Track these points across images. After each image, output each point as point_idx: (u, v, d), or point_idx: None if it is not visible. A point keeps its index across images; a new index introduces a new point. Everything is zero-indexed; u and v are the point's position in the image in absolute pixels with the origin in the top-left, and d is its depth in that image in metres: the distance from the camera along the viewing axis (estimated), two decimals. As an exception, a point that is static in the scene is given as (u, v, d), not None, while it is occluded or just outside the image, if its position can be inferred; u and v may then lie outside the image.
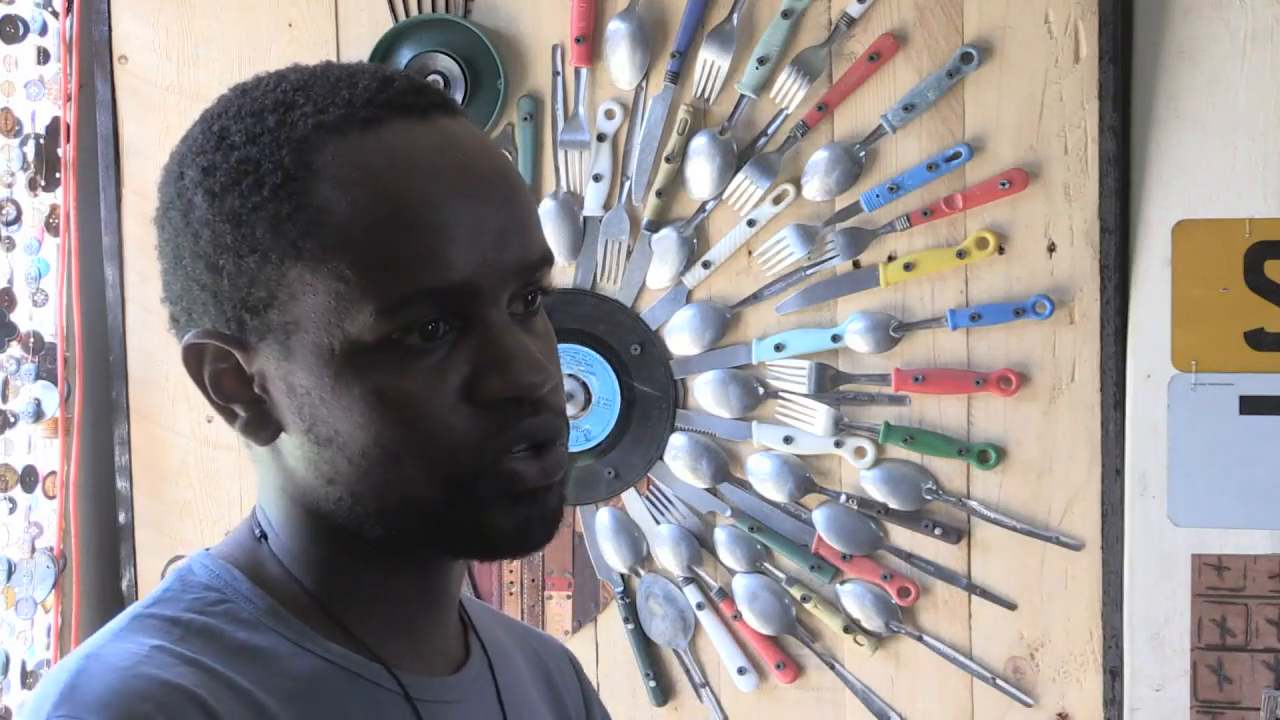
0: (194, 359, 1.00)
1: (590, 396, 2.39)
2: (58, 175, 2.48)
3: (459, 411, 0.96)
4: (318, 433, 0.97)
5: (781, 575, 2.35)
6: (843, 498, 2.33)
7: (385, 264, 0.94)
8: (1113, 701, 2.26)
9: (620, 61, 2.35)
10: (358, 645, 1.01)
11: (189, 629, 0.97)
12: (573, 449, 2.34)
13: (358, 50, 2.39)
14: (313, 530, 1.01)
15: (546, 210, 2.37)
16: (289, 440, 0.99)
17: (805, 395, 2.33)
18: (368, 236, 0.94)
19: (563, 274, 2.39)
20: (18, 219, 2.46)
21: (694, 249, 2.36)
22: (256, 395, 0.99)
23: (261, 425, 1.00)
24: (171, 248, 1.00)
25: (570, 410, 2.35)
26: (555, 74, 2.38)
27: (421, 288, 0.94)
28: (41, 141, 2.47)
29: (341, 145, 0.95)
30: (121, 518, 2.50)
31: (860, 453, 2.32)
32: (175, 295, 1.01)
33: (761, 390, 2.35)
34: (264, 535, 1.03)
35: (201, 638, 0.97)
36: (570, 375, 2.37)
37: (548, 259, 1.00)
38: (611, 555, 2.40)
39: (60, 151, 2.48)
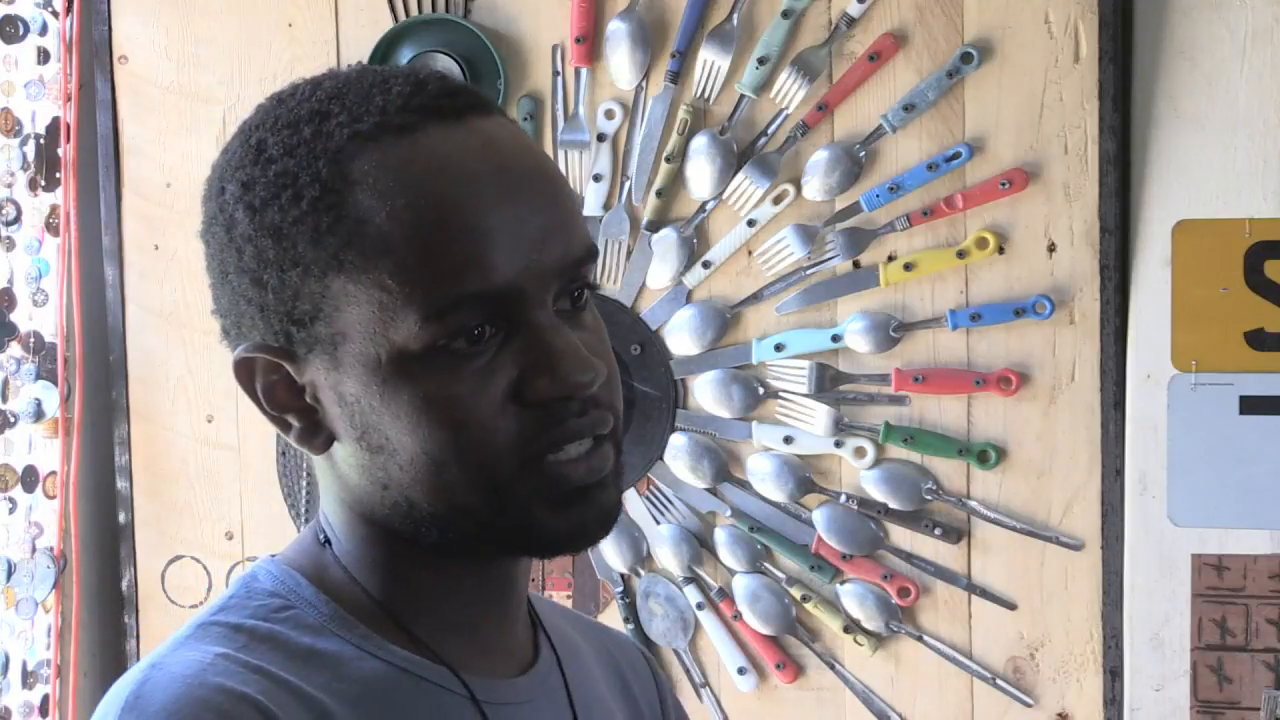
0: (245, 372, 1.00)
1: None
2: (58, 175, 2.48)
3: (506, 414, 0.96)
4: (369, 440, 0.97)
5: (781, 575, 2.35)
6: (843, 498, 2.33)
7: (427, 271, 0.94)
8: (1113, 701, 2.26)
9: (620, 61, 2.35)
10: (423, 649, 1.01)
11: (253, 635, 0.98)
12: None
13: (358, 50, 2.39)
14: (371, 536, 1.02)
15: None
16: (342, 448, 1.00)
17: (805, 395, 2.33)
18: (408, 244, 0.94)
19: (563, 274, 2.38)
20: (18, 219, 2.46)
21: (694, 249, 2.36)
22: (309, 405, 0.99)
23: (315, 434, 1.00)
24: (217, 263, 1.00)
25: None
26: (555, 74, 2.38)
27: (465, 293, 0.94)
28: (41, 141, 2.47)
29: (377, 154, 0.95)
30: (121, 518, 2.50)
31: (860, 453, 2.32)
32: (224, 309, 1.01)
33: (761, 390, 2.35)
34: (328, 541, 1.03)
35: (266, 644, 0.97)
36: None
37: (592, 254, 1.00)
38: (611, 555, 2.40)
39: (60, 151, 2.48)
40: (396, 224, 0.94)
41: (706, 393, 2.36)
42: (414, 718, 0.99)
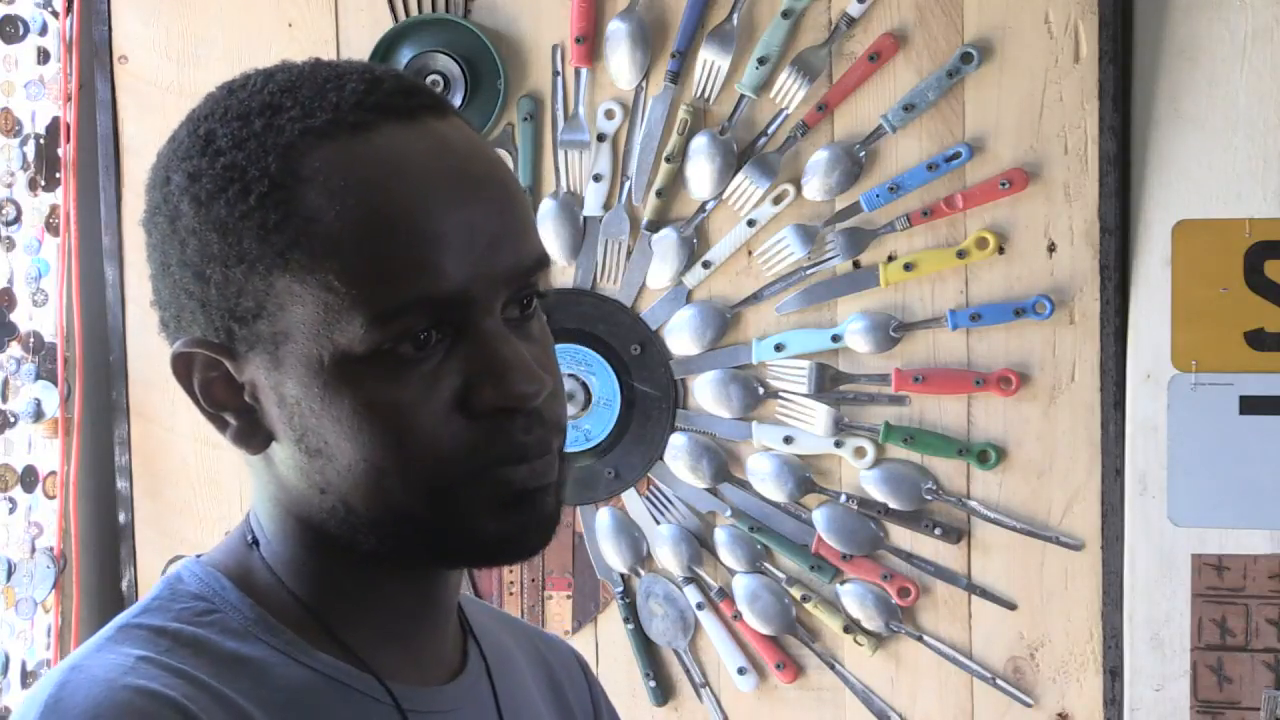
0: (183, 367, 0.98)
1: (590, 396, 2.39)
2: (58, 175, 2.48)
3: (450, 422, 0.94)
4: (308, 443, 0.95)
5: (781, 575, 2.35)
6: (843, 498, 2.33)
7: (374, 274, 0.92)
8: (1113, 701, 2.26)
9: (620, 61, 2.35)
10: (349, 655, 0.99)
11: (177, 639, 0.96)
12: (573, 449, 2.35)
13: (358, 50, 2.39)
14: (305, 539, 1.00)
15: (546, 210, 2.37)
16: (280, 449, 0.98)
17: (805, 395, 2.33)
18: (356, 246, 0.92)
19: (563, 274, 2.39)
20: (18, 219, 2.46)
21: (694, 249, 2.36)
22: (247, 404, 0.97)
23: (252, 434, 0.98)
24: (159, 254, 0.98)
25: (570, 410, 2.35)
26: (555, 74, 2.38)
27: (412, 298, 0.92)
28: (41, 141, 2.47)
29: (329, 151, 0.93)
30: (121, 518, 2.50)
31: (860, 453, 2.32)
32: (164, 301, 0.99)
33: (761, 390, 2.35)
34: (256, 542, 1.01)
35: (189, 648, 0.95)
36: (570, 375, 2.37)
37: (543, 262, 0.98)
38: (611, 555, 2.40)
39: (60, 151, 2.48)
40: (345, 224, 0.92)
41: (706, 393, 2.36)
42: None
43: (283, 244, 0.93)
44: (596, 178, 2.38)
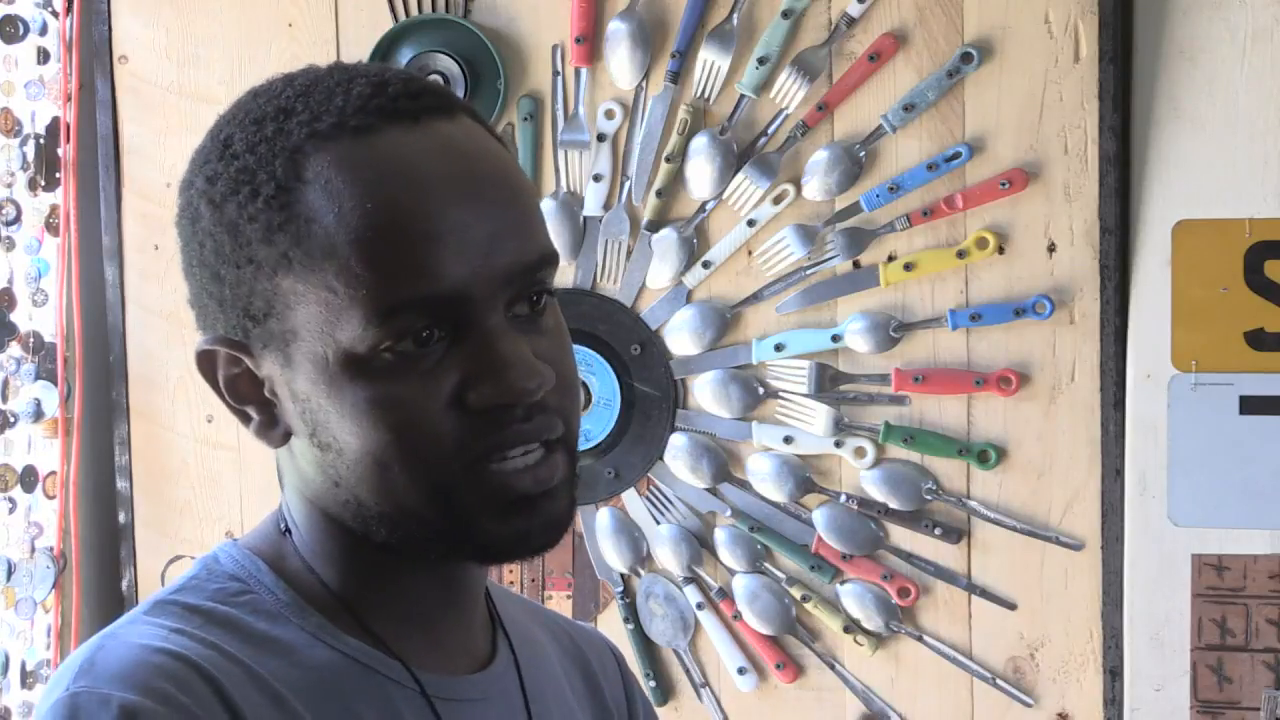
0: (208, 364, 1.01)
1: (590, 396, 2.39)
2: (58, 175, 2.48)
3: (448, 418, 0.96)
4: (319, 438, 0.98)
5: (781, 575, 2.35)
6: (843, 498, 2.33)
7: (372, 274, 0.94)
8: (1113, 701, 2.26)
9: (620, 61, 2.35)
10: (377, 642, 1.02)
11: (210, 618, 0.99)
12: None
13: (358, 50, 2.39)
14: (328, 529, 1.02)
15: (547, 210, 2.37)
16: (298, 443, 1.01)
17: (805, 395, 2.33)
18: (354, 247, 0.94)
19: (563, 274, 2.39)
20: (18, 219, 2.46)
21: (694, 249, 2.36)
22: (268, 399, 1.00)
23: (272, 427, 1.01)
24: (184, 254, 1.01)
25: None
26: (555, 74, 2.38)
27: (410, 297, 0.94)
28: (41, 141, 2.47)
29: (331, 154, 0.95)
30: (121, 518, 2.50)
31: (860, 453, 2.32)
32: (191, 300, 1.02)
33: (761, 390, 2.35)
34: (289, 530, 1.04)
35: (222, 627, 0.98)
36: (570, 375, 2.37)
37: (549, 259, 0.99)
38: (611, 555, 2.40)
39: (60, 151, 2.48)
40: (343, 226, 0.94)
41: (706, 393, 2.36)
42: (363, 708, 0.99)
43: (285, 245, 0.95)
44: (596, 178, 2.38)
